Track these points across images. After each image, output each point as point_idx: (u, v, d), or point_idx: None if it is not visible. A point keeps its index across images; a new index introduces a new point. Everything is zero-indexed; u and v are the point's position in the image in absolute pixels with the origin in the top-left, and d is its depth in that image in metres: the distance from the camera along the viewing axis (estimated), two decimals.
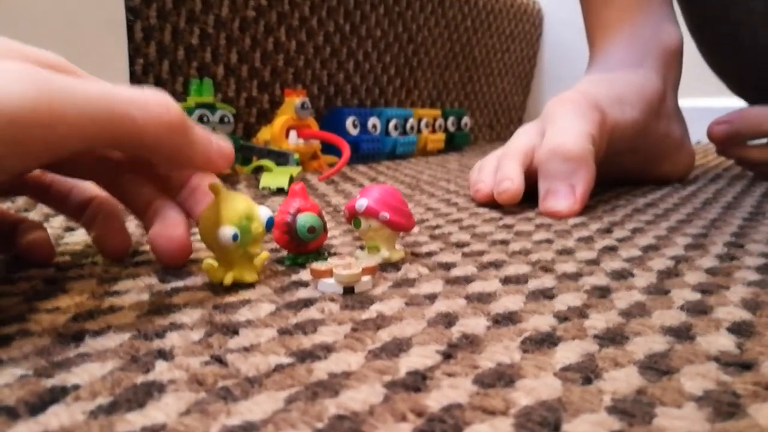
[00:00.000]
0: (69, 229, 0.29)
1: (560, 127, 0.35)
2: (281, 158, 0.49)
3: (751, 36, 0.50)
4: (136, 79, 0.48)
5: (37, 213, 0.33)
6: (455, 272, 0.22)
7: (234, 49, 0.56)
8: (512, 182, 0.34)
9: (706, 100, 0.81)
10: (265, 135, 0.54)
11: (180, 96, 0.51)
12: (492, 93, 0.97)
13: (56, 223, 0.30)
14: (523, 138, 0.38)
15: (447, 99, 0.87)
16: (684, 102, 0.50)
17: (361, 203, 0.23)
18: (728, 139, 0.48)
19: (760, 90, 0.52)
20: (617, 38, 0.44)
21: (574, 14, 0.51)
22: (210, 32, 0.54)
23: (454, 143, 0.79)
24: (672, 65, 0.45)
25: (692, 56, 0.57)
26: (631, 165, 0.45)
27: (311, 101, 0.63)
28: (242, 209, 0.21)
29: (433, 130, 0.75)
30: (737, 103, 0.58)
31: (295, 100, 0.55)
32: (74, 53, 0.42)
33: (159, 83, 0.50)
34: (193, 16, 0.52)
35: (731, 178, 0.52)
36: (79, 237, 0.28)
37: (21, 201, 0.36)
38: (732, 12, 0.50)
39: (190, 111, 0.45)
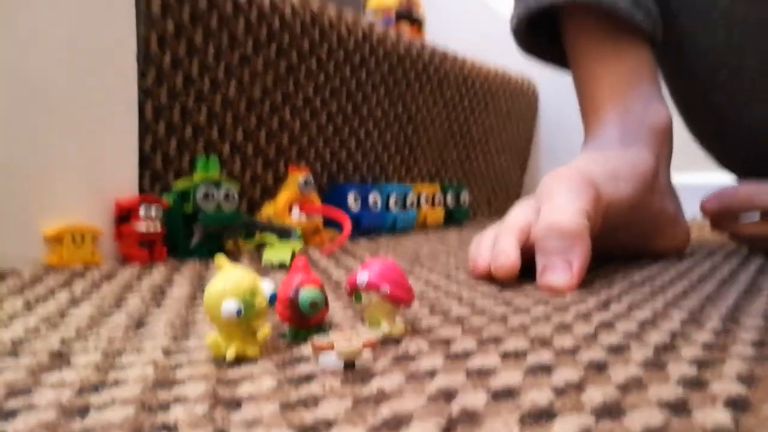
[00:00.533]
0: (73, 303, 0.30)
1: (556, 203, 0.36)
2: (283, 233, 0.50)
3: (736, 116, 0.52)
4: (144, 156, 0.50)
5: (43, 287, 0.33)
6: (455, 347, 0.23)
7: (240, 127, 0.58)
8: (508, 257, 0.35)
9: (701, 176, 0.83)
10: (268, 210, 0.55)
11: (187, 172, 0.52)
12: (490, 169, 0.99)
13: (62, 298, 0.31)
14: (519, 214, 0.39)
15: (446, 175, 0.89)
16: (679, 178, 0.51)
17: (362, 277, 0.24)
18: (720, 214, 0.49)
19: (747, 167, 0.54)
20: (609, 119, 0.46)
21: (568, 94, 0.53)
22: (217, 111, 0.56)
23: (454, 218, 0.80)
24: (663, 143, 0.47)
25: (686, 133, 0.59)
26: (626, 240, 0.45)
27: (314, 177, 0.65)
28: (246, 283, 0.21)
29: (433, 205, 0.76)
30: (731, 178, 0.60)
31: (298, 176, 0.56)
32: (86, 131, 0.43)
33: (167, 160, 0.52)
34: (202, 95, 0.55)
35: (727, 253, 0.52)
36: (84, 310, 0.28)
37: (27, 275, 0.37)
38: (715, 94, 0.53)
39: (195, 187, 0.46)
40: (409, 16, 0.88)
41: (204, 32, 0.53)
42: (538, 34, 0.52)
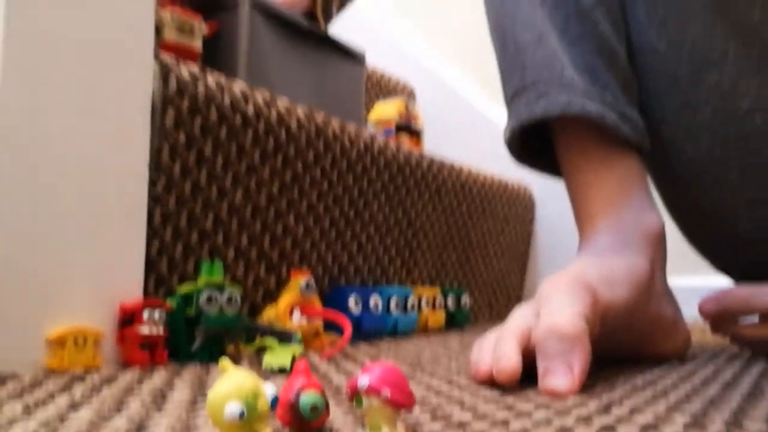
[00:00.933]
0: (73, 407, 0.30)
1: (554, 307, 0.37)
2: (284, 337, 0.50)
3: (723, 223, 0.54)
4: (150, 261, 0.51)
5: (43, 391, 0.33)
6: None
7: (245, 233, 0.60)
8: (509, 360, 0.35)
9: (701, 279, 0.84)
10: (269, 314, 0.56)
11: (191, 276, 0.53)
12: (490, 273, 1.00)
13: (62, 402, 0.31)
14: (519, 318, 0.40)
15: (446, 278, 0.90)
16: (679, 281, 0.52)
17: (363, 381, 0.24)
18: (719, 316, 0.49)
19: (740, 271, 0.54)
20: (603, 226, 0.48)
21: (563, 199, 0.55)
22: (223, 218, 0.58)
23: (455, 322, 0.80)
24: (656, 248, 0.48)
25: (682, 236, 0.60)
26: (626, 344, 0.45)
27: (316, 280, 0.65)
28: (249, 386, 0.22)
29: (434, 308, 0.76)
30: (729, 280, 0.60)
31: (300, 279, 0.57)
32: (94, 236, 0.45)
33: (172, 264, 0.53)
34: (209, 202, 0.57)
35: (730, 356, 0.52)
36: (84, 415, 0.28)
37: (26, 379, 0.36)
38: (702, 202, 0.55)
39: (199, 291, 0.47)
40: (408, 128, 0.93)
41: (213, 143, 0.56)
42: (531, 144, 0.55)
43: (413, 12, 1.40)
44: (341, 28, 0.89)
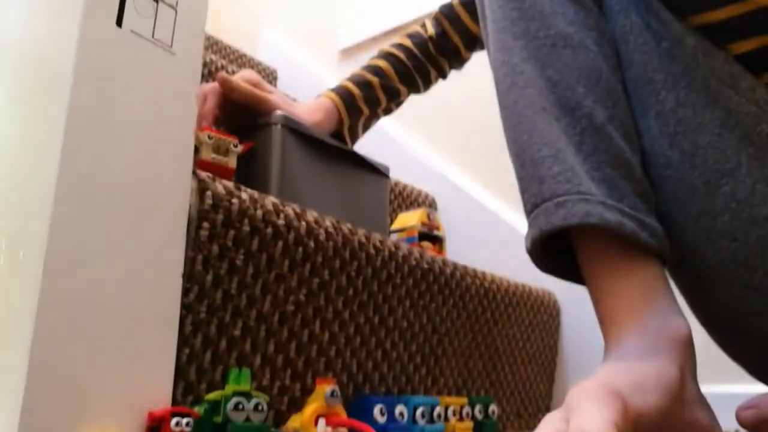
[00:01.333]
0: None
1: (585, 416, 0.37)
2: None
3: (757, 327, 0.53)
4: (180, 368, 0.52)
5: None
6: None
7: (272, 340, 0.61)
8: None
9: (736, 386, 0.81)
10: (294, 423, 0.55)
11: (219, 384, 0.54)
12: (517, 380, 0.98)
13: None
14: (549, 428, 0.39)
15: (473, 387, 0.88)
16: (713, 388, 0.51)
17: None
18: (759, 423, 0.47)
19: None
20: (628, 332, 0.48)
21: (588, 305, 0.55)
22: (251, 325, 0.59)
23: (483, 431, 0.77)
24: (684, 353, 0.47)
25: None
26: None
27: (340, 388, 0.65)
28: None
29: (461, 418, 0.75)
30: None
31: (325, 388, 0.57)
32: (124, 344, 0.46)
33: (200, 372, 0.53)
34: (238, 310, 0.58)
35: None
36: None
37: None
38: (732, 307, 0.54)
39: (227, 398, 0.47)
40: (430, 236, 0.95)
41: (245, 254, 0.59)
42: (553, 251, 0.56)
43: (431, 126, 1.47)
44: (365, 139, 0.94)
